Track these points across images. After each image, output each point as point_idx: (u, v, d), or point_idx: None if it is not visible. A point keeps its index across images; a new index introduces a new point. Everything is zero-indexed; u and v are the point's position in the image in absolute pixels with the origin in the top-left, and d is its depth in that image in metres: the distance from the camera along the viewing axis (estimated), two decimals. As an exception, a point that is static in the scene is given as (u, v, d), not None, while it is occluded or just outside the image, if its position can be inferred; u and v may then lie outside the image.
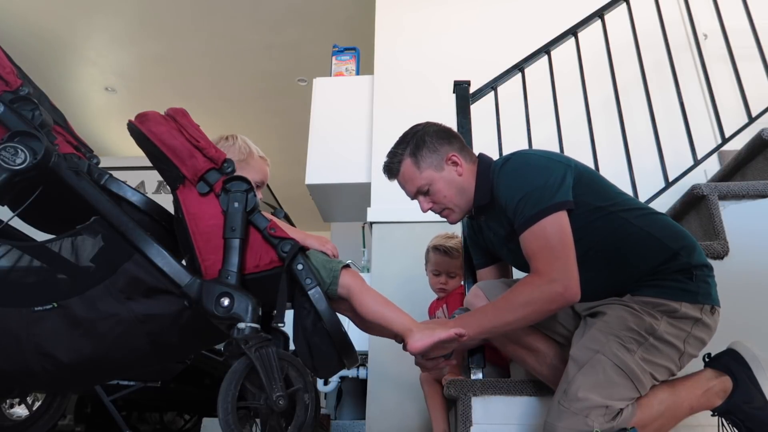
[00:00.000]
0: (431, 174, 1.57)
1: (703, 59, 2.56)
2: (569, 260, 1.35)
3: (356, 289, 1.34)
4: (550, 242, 1.36)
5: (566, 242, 1.36)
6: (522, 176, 1.45)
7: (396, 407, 2.73)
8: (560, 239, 1.36)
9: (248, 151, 1.52)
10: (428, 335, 1.33)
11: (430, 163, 1.57)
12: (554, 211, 1.37)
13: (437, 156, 1.57)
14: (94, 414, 3.52)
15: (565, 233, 1.37)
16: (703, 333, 1.39)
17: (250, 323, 1.15)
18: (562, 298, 1.34)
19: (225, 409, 1.07)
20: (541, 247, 1.37)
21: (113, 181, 1.30)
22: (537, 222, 1.37)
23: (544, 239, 1.37)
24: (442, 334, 1.33)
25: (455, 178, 1.58)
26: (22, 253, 1.20)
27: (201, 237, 1.23)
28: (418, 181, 1.58)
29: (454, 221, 1.64)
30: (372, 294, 1.36)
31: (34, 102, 1.25)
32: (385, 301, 1.36)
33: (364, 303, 1.34)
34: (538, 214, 1.37)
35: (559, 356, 1.57)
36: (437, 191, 1.58)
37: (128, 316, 1.17)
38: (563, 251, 1.35)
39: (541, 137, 2.51)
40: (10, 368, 1.19)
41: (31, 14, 4.97)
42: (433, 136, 1.60)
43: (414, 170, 1.57)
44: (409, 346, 1.33)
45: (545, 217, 1.37)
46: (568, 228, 1.38)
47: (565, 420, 1.28)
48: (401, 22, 3.72)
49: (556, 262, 1.35)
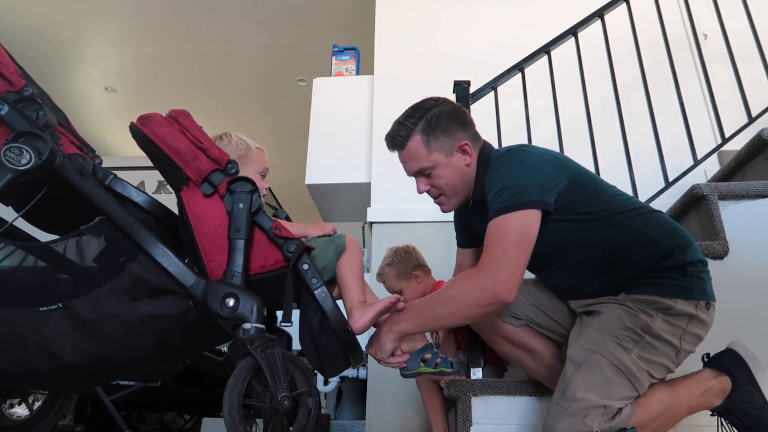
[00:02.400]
0: (439, 158, 1.49)
1: (703, 59, 2.56)
2: (517, 261, 1.29)
3: (347, 252, 1.35)
4: (506, 236, 1.30)
5: (523, 243, 1.31)
6: (510, 170, 1.40)
7: (396, 407, 2.73)
8: (518, 238, 1.30)
9: (245, 146, 1.51)
10: (367, 310, 1.29)
11: (440, 147, 1.48)
12: (526, 207, 1.32)
13: (450, 140, 1.49)
14: (94, 414, 3.52)
15: (527, 235, 1.31)
16: (698, 329, 1.39)
17: (255, 324, 1.15)
18: (490, 293, 1.27)
19: (231, 404, 1.07)
20: (496, 239, 1.31)
21: (118, 182, 1.30)
22: (504, 214, 1.31)
23: (501, 232, 1.31)
24: (379, 305, 1.30)
25: (462, 168, 1.51)
26: (26, 253, 1.20)
27: (206, 238, 1.23)
28: (423, 161, 1.49)
29: (448, 210, 1.59)
30: (354, 262, 1.35)
31: (39, 102, 1.25)
32: (358, 276, 1.35)
33: (343, 265, 1.35)
34: (508, 207, 1.32)
35: (556, 356, 1.57)
36: (440, 176, 1.50)
37: (133, 316, 1.17)
38: (515, 250, 1.29)
39: (541, 137, 2.51)
40: (15, 368, 1.19)
41: (31, 14, 4.97)
42: (449, 117, 1.51)
43: (422, 149, 1.49)
44: (353, 326, 1.29)
45: (514, 211, 1.31)
46: (533, 230, 1.32)
47: (563, 420, 1.28)
48: (401, 22, 3.73)
49: (501, 257, 1.29)
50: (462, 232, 1.76)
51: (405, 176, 1.60)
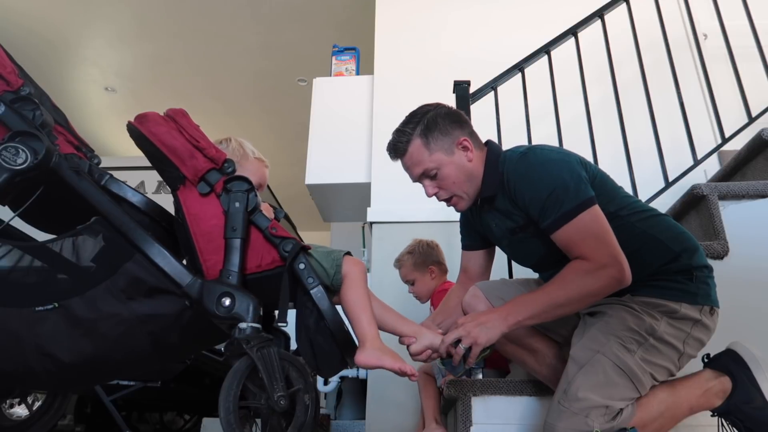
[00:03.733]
0: (441, 157, 1.51)
1: (703, 59, 2.56)
2: (616, 245, 1.33)
3: (349, 280, 1.33)
4: (593, 230, 1.34)
5: (608, 229, 1.35)
6: (547, 172, 1.41)
7: (396, 407, 2.73)
8: (602, 226, 1.34)
9: (242, 153, 1.50)
10: (375, 357, 1.28)
11: (440, 146, 1.51)
12: (591, 205, 1.35)
13: (449, 139, 1.52)
14: (94, 414, 3.52)
15: (604, 221, 1.35)
16: (702, 334, 1.40)
17: (251, 323, 1.14)
18: (616, 282, 1.32)
19: (227, 408, 1.06)
20: (585, 236, 1.34)
21: (114, 182, 1.30)
22: (576, 215, 1.34)
23: (586, 229, 1.34)
24: (387, 362, 1.29)
25: (465, 164, 1.52)
26: (23, 253, 1.20)
27: (202, 237, 1.23)
28: (426, 163, 1.51)
29: (463, 209, 1.59)
30: (360, 291, 1.34)
31: (35, 102, 1.25)
32: (365, 304, 1.33)
33: (348, 297, 1.33)
34: (575, 209, 1.34)
35: (558, 356, 1.57)
36: (446, 176, 1.52)
37: (129, 316, 1.17)
38: (608, 237, 1.33)
39: (541, 137, 2.50)
40: (12, 368, 1.19)
41: (31, 14, 4.97)
42: (445, 118, 1.54)
43: (423, 152, 1.51)
44: (357, 357, 1.29)
45: (584, 210, 1.34)
46: (604, 218, 1.36)
47: (565, 420, 1.28)
48: (401, 22, 3.73)
49: (604, 248, 1.32)
50: (468, 235, 1.76)
51: (405, 176, 1.60)
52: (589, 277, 1.32)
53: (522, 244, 1.54)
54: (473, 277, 1.72)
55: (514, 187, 1.46)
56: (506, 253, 1.71)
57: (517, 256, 1.65)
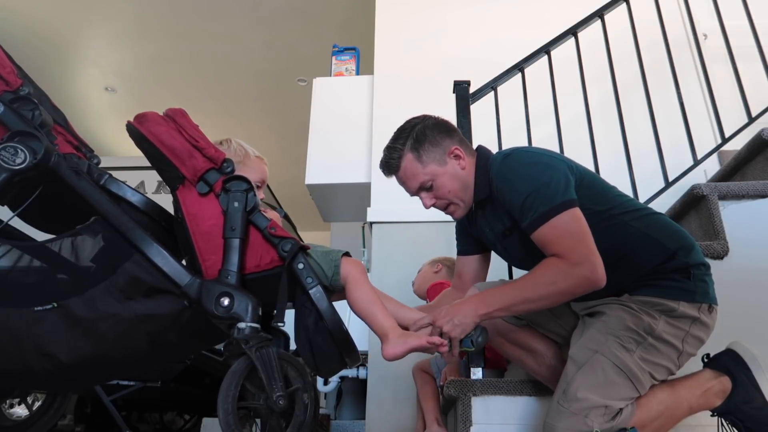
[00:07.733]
0: (435, 168, 1.52)
1: (703, 59, 2.56)
2: (592, 246, 1.32)
3: (351, 281, 1.33)
4: (570, 230, 1.33)
5: (586, 230, 1.34)
6: (527, 173, 1.42)
7: (396, 407, 2.73)
8: (579, 227, 1.34)
9: (244, 153, 1.50)
10: (401, 344, 1.28)
11: (433, 158, 1.52)
12: (570, 206, 1.35)
13: (440, 150, 1.52)
14: (94, 414, 3.52)
15: (584, 223, 1.35)
16: (701, 332, 1.40)
17: (250, 323, 1.14)
18: (588, 282, 1.31)
19: (225, 410, 1.06)
20: (561, 235, 1.33)
21: (113, 182, 1.30)
22: (554, 216, 1.34)
23: (562, 228, 1.34)
24: (414, 342, 1.29)
25: (459, 172, 1.53)
26: (22, 253, 1.20)
27: (201, 237, 1.23)
28: (421, 176, 1.52)
29: (460, 216, 1.60)
30: (365, 289, 1.34)
31: (34, 102, 1.25)
32: (374, 299, 1.33)
33: (355, 298, 1.33)
34: (553, 210, 1.34)
35: (557, 356, 1.57)
36: (441, 186, 1.53)
37: (128, 315, 1.17)
38: (584, 237, 1.33)
39: (541, 137, 2.50)
40: (11, 368, 1.18)
41: (32, 14, 4.97)
42: (433, 129, 1.55)
43: (416, 165, 1.52)
44: (383, 352, 1.29)
45: (562, 212, 1.34)
46: (584, 220, 1.35)
47: (564, 420, 1.29)
48: (401, 22, 3.73)
49: (579, 247, 1.32)
50: (463, 240, 1.76)
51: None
52: (561, 274, 1.32)
53: (513, 246, 1.54)
54: (467, 282, 1.72)
55: (499, 189, 1.47)
56: (502, 257, 1.71)
57: (512, 258, 1.66)
